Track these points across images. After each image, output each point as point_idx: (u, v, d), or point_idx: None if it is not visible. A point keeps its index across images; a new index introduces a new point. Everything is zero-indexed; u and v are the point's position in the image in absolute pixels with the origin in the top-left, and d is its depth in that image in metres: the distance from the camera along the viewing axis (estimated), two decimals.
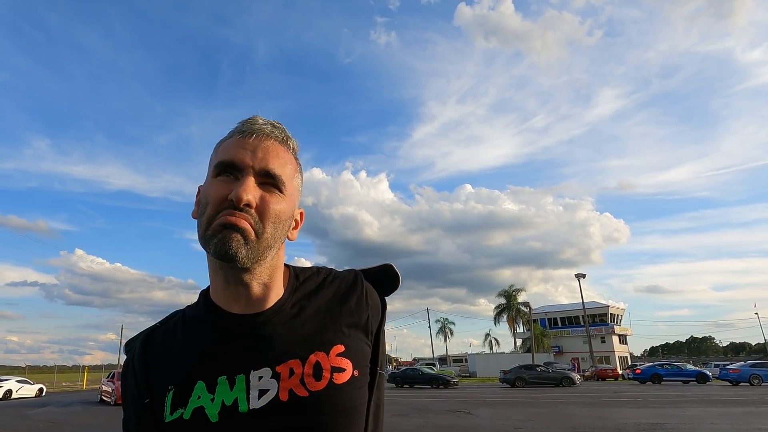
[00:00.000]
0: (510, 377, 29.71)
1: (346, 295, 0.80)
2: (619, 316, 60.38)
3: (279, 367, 0.70)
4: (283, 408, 0.68)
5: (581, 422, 11.41)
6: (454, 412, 13.96)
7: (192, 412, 0.68)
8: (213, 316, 0.74)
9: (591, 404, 16.33)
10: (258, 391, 0.69)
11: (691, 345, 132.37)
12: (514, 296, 55.05)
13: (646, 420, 11.56)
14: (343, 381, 0.72)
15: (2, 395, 23.12)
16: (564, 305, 64.32)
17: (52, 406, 18.81)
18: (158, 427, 0.69)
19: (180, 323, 0.78)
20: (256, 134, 0.72)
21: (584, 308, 47.86)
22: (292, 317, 0.75)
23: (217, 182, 0.70)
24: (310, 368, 0.71)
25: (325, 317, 0.77)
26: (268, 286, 0.74)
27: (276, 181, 0.71)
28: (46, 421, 13.82)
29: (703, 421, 11.23)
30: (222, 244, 0.66)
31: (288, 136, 0.77)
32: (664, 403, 15.86)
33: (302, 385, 0.69)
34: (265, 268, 0.73)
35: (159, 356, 0.75)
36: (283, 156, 0.74)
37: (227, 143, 0.74)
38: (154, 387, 0.72)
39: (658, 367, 30.87)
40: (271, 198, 0.70)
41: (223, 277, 0.72)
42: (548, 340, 55.49)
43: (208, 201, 0.69)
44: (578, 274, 46.53)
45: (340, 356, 0.73)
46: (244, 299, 0.73)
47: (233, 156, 0.70)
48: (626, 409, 14.13)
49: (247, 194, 0.67)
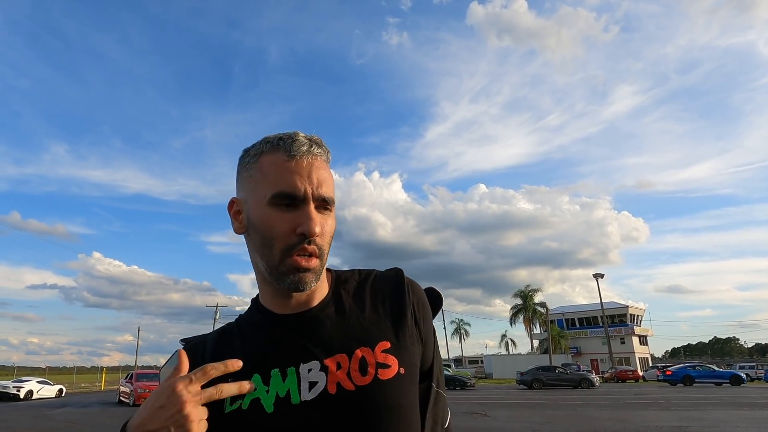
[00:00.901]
0: (527, 379, 29.36)
1: (388, 292, 0.82)
2: (639, 317, 59.34)
3: (327, 360, 0.73)
4: (332, 400, 0.70)
5: (601, 425, 11.17)
6: (471, 414, 13.79)
7: (249, 403, 0.72)
8: (265, 318, 0.80)
9: (611, 406, 16.03)
10: (308, 383, 0.72)
11: (714, 346, 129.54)
12: (531, 297, 54.55)
13: (668, 423, 11.27)
14: (388, 377, 0.73)
15: (23, 395, 23.49)
16: (582, 306, 63.45)
17: (71, 407, 19.12)
18: (217, 418, 0.71)
19: (235, 328, 0.84)
20: (306, 157, 0.74)
21: (603, 308, 47.10)
22: (337, 314, 0.79)
23: (277, 213, 0.73)
24: (356, 363, 0.73)
25: (370, 314, 0.79)
26: (313, 290, 0.79)
27: (329, 204, 0.76)
28: (66, 421, 14.04)
29: (729, 425, 10.92)
30: (296, 284, 0.73)
31: (328, 150, 0.79)
32: (687, 406, 15.49)
33: (349, 378, 0.72)
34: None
35: (217, 356, 0.77)
36: (329, 176, 0.77)
37: (273, 161, 0.74)
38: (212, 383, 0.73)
39: (689, 369, 30.17)
40: (327, 220, 0.76)
41: (274, 291, 0.78)
42: (566, 341, 54.79)
43: (273, 235, 0.72)
44: (596, 274, 45.79)
45: (385, 353, 0.75)
46: (293, 303, 0.78)
47: (293, 187, 0.72)
48: (648, 412, 13.82)
49: (316, 227, 0.71)
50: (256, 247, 0.76)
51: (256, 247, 0.76)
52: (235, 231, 0.80)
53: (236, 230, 0.80)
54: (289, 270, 0.72)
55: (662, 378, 31.37)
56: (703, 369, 30.05)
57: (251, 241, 0.78)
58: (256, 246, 0.76)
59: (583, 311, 60.41)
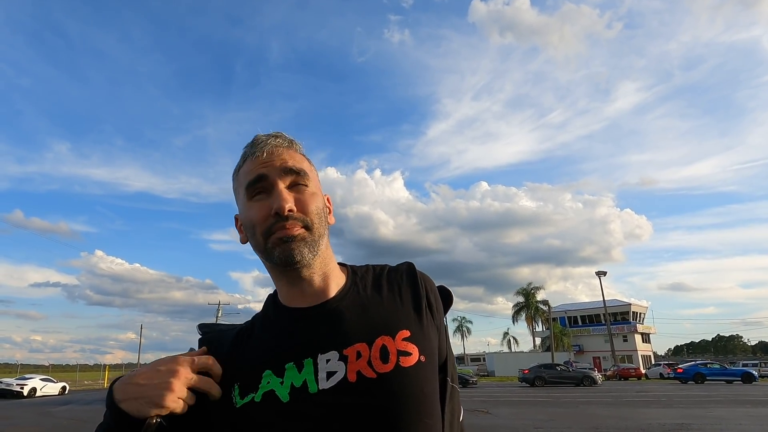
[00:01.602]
0: (529, 376, 29.34)
1: (404, 282, 0.84)
2: (641, 315, 59.21)
3: (346, 350, 0.73)
4: (351, 388, 0.70)
5: (603, 422, 11.16)
6: (473, 412, 13.78)
7: (263, 395, 0.72)
8: (279, 313, 0.80)
9: (613, 404, 16.01)
10: (326, 373, 0.72)
11: (717, 344, 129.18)
12: (533, 294, 54.42)
13: (671, 420, 11.24)
14: (410, 365, 0.73)
15: (27, 393, 23.55)
16: (584, 303, 63.33)
17: (74, 404, 19.20)
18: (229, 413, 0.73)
19: (250, 327, 0.84)
20: (264, 149, 0.79)
21: (605, 306, 47.03)
22: (355, 304, 0.79)
23: (254, 204, 0.77)
24: (377, 351, 0.73)
25: (388, 304, 0.80)
26: (327, 277, 0.80)
27: (301, 176, 0.78)
28: (70, 418, 14.10)
29: (731, 422, 10.90)
30: (285, 255, 0.74)
31: (291, 139, 0.83)
32: (689, 403, 15.45)
33: (370, 366, 0.72)
34: (320, 259, 0.78)
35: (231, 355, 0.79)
36: (295, 155, 0.81)
37: (245, 167, 0.80)
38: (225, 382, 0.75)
39: (701, 366, 29.91)
40: (304, 195, 0.78)
41: (286, 280, 0.79)
42: (568, 339, 54.70)
43: (254, 222, 0.76)
44: (599, 271, 45.77)
45: (405, 341, 0.75)
46: (309, 294, 0.79)
47: (256, 173, 0.77)
48: (650, 409, 13.79)
49: (287, 202, 0.74)
50: (251, 243, 0.79)
51: (251, 243, 0.79)
52: (240, 242, 0.84)
53: (240, 241, 0.84)
54: (274, 244, 0.75)
55: (673, 375, 31.23)
56: (715, 367, 29.87)
57: (250, 242, 0.80)
58: (251, 242, 0.79)
59: (585, 309, 60.33)
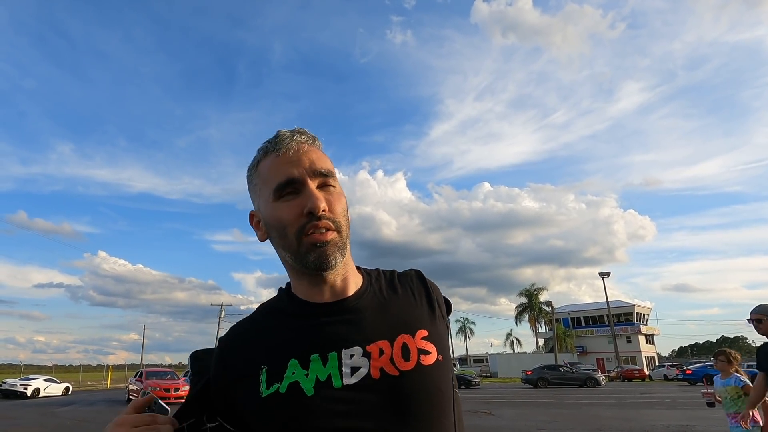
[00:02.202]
0: (532, 378, 29.28)
1: (416, 284, 0.87)
2: (645, 316, 58.98)
3: (369, 346, 0.74)
4: (375, 385, 0.71)
5: (607, 424, 11.11)
6: (476, 413, 13.75)
7: (288, 386, 0.72)
8: (301, 307, 0.80)
9: (617, 405, 15.95)
10: (350, 368, 0.73)
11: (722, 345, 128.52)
12: (536, 295, 54.28)
13: (675, 422, 11.19)
14: (430, 363, 0.75)
15: (30, 393, 23.58)
16: (588, 304, 63.11)
17: (78, 405, 19.23)
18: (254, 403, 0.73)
19: (265, 314, 0.84)
20: (291, 147, 0.79)
21: (609, 307, 46.88)
22: (375, 302, 0.81)
23: (282, 204, 0.77)
24: (399, 349, 0.75)
25: (405, 304, 0.82)
26: (347, 276, 0.81)
27: (329, 177, 0.79)
28: (73, 419, 14.13)
29: None
30: (320, 261, 0.75)
31: (313, 136, 0.84)
32: (693, 405, 15.34)
33: (392, 364, 0.73)
34: (344, 260, 0.79)
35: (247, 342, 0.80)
36: (321, 155, 0.81)
37: (267, 164, 0.80)
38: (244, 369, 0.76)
39: (710, 368, 29.57)
40: (333, 195, 0.79)
41: (308, 280, 0.80)
42: (571, 340, 54.55)
43: (285, 222, 0.76)
44: (602, 272, 45.63)
45: (424, 340, 0.77)
46: (330, 292, 0.80)
47: (286, 174, 0.77)
48: (654, 411, 13.74)
49: (320, 202, 0.75)
50: (278, 242, 0.80)
51: (278, 242, 0.80)
52: (260, 239, 0.84)
53: (260, 238, 0.84)
54: (308, 249, 0.75)
55: (681, 377, 31.00)
56: None
57: (273, 240, 0.81)
58: (277, 242, 0.80)
59: (588, 310, 60.11)
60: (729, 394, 4.08)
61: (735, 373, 4.09)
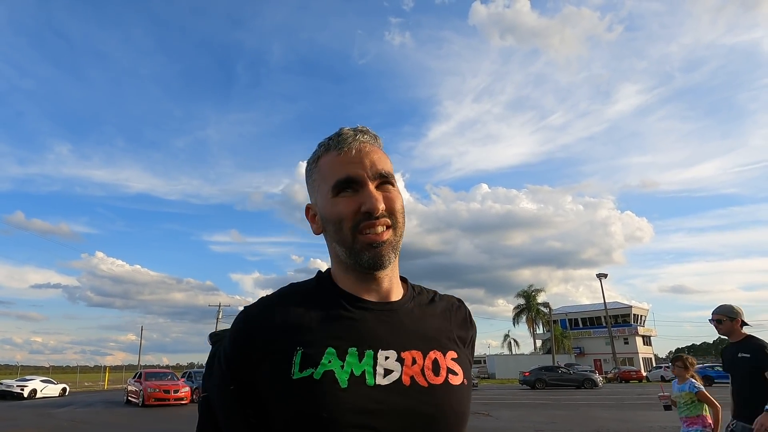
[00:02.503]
0: (530, 379, 29.29)
1: (455, 311, 0.89)
2: (642, 317, 59.11)
3: (403, 353, 0.76)
4: (405, 391, 0.73)
5: (604, 425, 11.14)
6: (473, 414, 13.75)
7: (323, 373, 0.71)
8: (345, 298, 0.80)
9: (614, 406, 15.98)
10: (384, 369, 0.73)
11: (719, 346, 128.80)
12: (534, 297, 54.31)
13: (672, 423, 11.20)
14: (456, 383, 0.77)
15: (27, 394, 23.49)
16: (585, 306, 63.22)
17: (75, 406, 19.15)
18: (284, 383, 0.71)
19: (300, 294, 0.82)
20: (353, 146, 0.80)
21: (606, 308, 46.92)
22: (414, 313, 0.83)
23: (340, 200, 0.78)
24: (430, 362, 0.77)
25: (441, 323, 0.85)
26: (392, 282, 0.83)
27: (388, 178, 0.81)
28: (70, 420, 14.08)
29: None
30: (374, 260, 0.77)
31: (375, 135, 0.85)
32: None
33: (422, 375, 0.75)
34: (394, 262, 0.81)
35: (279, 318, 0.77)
36: (380, 154, 0.83)
37: (328, 160, 0.81)
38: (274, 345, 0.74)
39: (708, 369, 29.59)
40: (391, 195, 0.80)
41: (356, 276, 0.81)
42: (569, 341, 54.58)
43: (342, 217, 0.78)
44: (600, 273, 45.61)
45: (453, 361, 0.80)
46: (374, 292, 0.81)
47: (348, 172, 0.78)
48: (651, 412, 13.75)
49: (379, 203, 0.77)
50: (333, 236, 0.81)
51: (332, 237, 0.81)
52: (314, 233, 0.86)
53: (315, 231, 0.86)
54: (364, 247, 0.77)
55: None
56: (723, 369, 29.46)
57: (327, 234, 0.83)
58: (332, 236, 0.81)
59: (586, 311, 60.22)
60: (683, 399, 4.17)
61: (691, 378, 4.16)
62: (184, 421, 13.14)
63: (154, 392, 17.72)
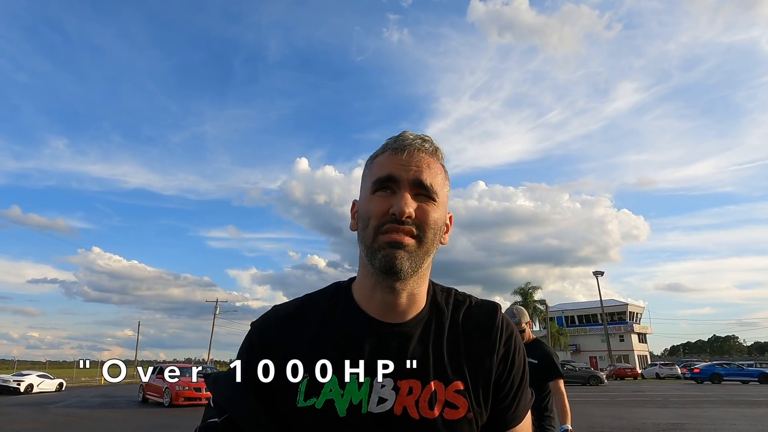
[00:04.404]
0: None
1: (478, 329, 0.81)
2: (638, 315, 59.33)
3: (401, 381, 0.74)
4: (395, 421, 0.72)
5: (599, 422, 11.20)
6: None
7: (324, 402, 0.72)
8: (353, 316, 0.79)
9: (609, 403, 16.08)
10: (378, 397, 0.73)
11: (714, 344, 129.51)
12: (531, 294, 54.34)
13: (665, 420, 11.29)
14: (454, 418, 0.74)
15: (24, 389, 23.41)
16: (581, 303, 63.40)
17: (72, 401, 19.11)
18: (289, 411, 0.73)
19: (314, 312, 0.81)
20: (407, 149, 0.78)
21: (602, 306, 47.12)
22: (424, 338, 0.78)
23: (376, 198, 0.77)
24: (427, 394, 0.74)
25: (453, 349, 0.79)
26: (412, 297, 0.79)
27: (429, 191, 0.77)
28: (67, 415, 14.07)
29: (725, 422, 10.95)
30: (387, 261, 0.73)
31: (436, 147, 0.82)
32: (684, 403, 15.51)
33: (416, 407, 0.73)
34: (416, 277, 0.78)
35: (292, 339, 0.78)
36: (434, 167, 0.80)
37: (381, 159, 0.80)
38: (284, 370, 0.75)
39: (717, 367, 29.80)
40: (427, 207, 0.76)
41: (373, 282, 0.78)
42: (565, 339, 54.74)
43: (370, 215, 0.76)
44: (596, 271, 45.76)
45: (456, 393, 0.75)
46: (389, 307, 0.78)
47: (390, 171, 0.77)
48: (645, 409, 13.84)
49: (408, 207, 0.73)
50: (359, 233, 0.79)
51: (359, 234, 0.79)
52: (350, 228, 0.84)
53: (351, 227, 0.84)
54: (380, 246, 0.74)
55: (689, 375, 31.03)
56: (731, 367, 29.79)
57: (358, 231, 0.80)
58: (359, 233, 0.79)
59: (582, 309, 60.40)
60: None
61: None
62: (181, 415, 13.14)
63: (184, 390, 15.28)
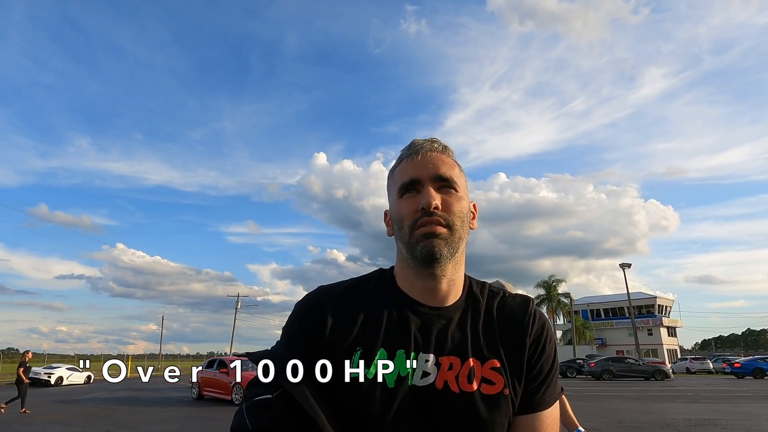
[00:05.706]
0: (596, 370, 29.01)
1: (512, 317, 0.88)
2: (667, 308, 57.93)
3: (442, 357, 0.81)
4: (436, 395, 0.78)
5: (627, 416, 10.92)
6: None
7: (374, 374, 0.78)
8: (399, 298, 0.87)
9: (637, 398, 15.71)
10: (422, 371, 0.80)
11: (748, 338, 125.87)
12: (554, 287, 53.58)
13: (696, 416, 10.93)
14: (491, 393, 0.80)
15: (54, 381, 24.32)
16: (607, 296, 62.24)
17: (100, 392, 19.66)
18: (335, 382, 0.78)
19: (362, 292, 0.88)
20: (421, 152, 0.88)
21: (629, 299, 46.05)
22: (462, 321, 0.86)
23: (405, 200, 0.86)
24: (466, 370, 0.81)
25: (489, 332, 0.86)
26: (451, 284, 0.87)
27: (449, 182, 0.86)
28: (96, 406, 14.46)
29: (760, 418, 10.59)
30: (427, 250, 0.81)
31: (445, 145, 0.92)
32: (716, 399, 15.03)
33: (456, 381, 0.80)
34: (454, 263, 0.85)
35: (345, 310, 0.85)
36: (448, 161, 0.89)
37: (400, 168, 0.89)
38: (338, 337, 0.82)
39: (760, 361, 29.12)
40: (450, 197, 0.85)
41: (415, 273, 0.86)
42: (590, 333, 53.88)
43: (403, 216, 0.85)
44: (623, 263, 44.64)
45: (492, 370, 0.82)
46: (430, 293, 0.86)
47: (411, 175, 0.86)
48: (675, 404, 13.46)
49: (434, 199, 0.82)
50: (397, 235, 0.88)
51: (397, 235, 0.88)
52: (387, 235, 0.92)
53: (388, 234, 0.92)
54: (418, 239, 0.82)
55: (729, 370, 30.49)
56: None
57: (395, 234, 0.89)
58: (396, 234, 0.88)
59: (608, 302, 59.27)
60: None
61: None
62: (204, 404, 13.29)
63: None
